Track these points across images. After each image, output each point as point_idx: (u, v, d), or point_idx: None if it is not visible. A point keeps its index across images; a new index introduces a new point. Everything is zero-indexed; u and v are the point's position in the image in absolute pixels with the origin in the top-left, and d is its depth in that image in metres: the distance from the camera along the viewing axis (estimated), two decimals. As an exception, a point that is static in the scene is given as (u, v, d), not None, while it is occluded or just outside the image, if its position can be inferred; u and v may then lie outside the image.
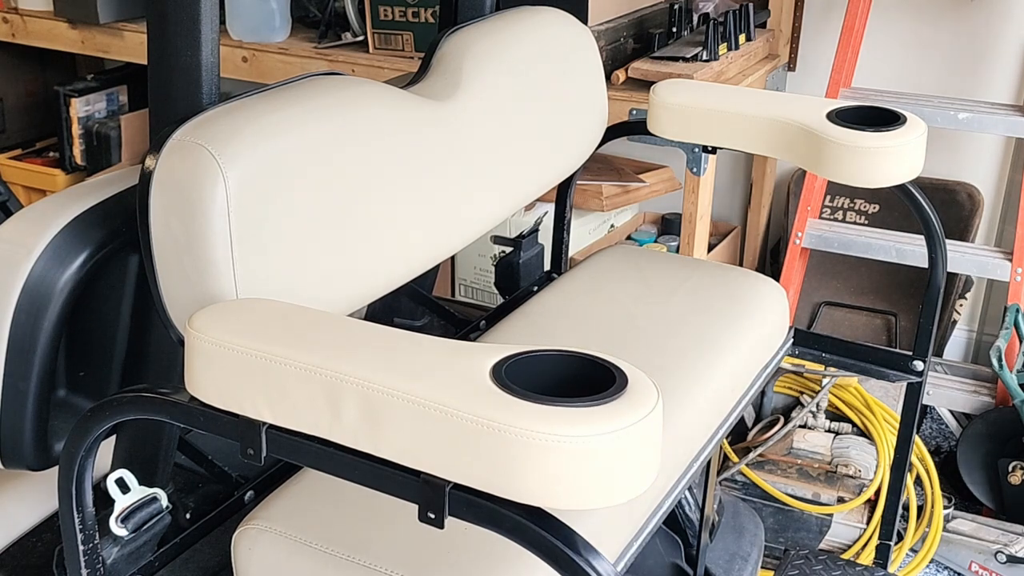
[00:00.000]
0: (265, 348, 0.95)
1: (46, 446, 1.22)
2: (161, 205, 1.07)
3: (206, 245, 1.05)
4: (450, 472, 0.87)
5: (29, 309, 1.14)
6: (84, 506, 1.09)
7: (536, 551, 0.87)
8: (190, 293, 1.08)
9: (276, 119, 1.13)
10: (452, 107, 1.38)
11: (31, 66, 2.88)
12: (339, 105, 1.21)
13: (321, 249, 1.16)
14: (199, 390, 0.99)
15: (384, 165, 1.24)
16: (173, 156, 1.06)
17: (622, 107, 2.16)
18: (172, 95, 1.13)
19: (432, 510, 0.90)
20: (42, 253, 1.14)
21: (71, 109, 2.72)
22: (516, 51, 1.53)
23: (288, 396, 0.94)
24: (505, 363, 0.90)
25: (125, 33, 2.52)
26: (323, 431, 0.93)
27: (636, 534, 1.22)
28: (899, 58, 2.63)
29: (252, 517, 1.14)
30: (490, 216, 1.46)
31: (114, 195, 1.21)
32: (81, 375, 1.28)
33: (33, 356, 1.16)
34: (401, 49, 2.29)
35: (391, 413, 0.89)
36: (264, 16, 2.46)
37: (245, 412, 0.97)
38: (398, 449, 0.89)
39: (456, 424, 0.85)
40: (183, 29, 1.10)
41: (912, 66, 2.62)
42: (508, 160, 1.48)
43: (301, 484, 1.18)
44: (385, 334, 0.98)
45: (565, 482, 0.82)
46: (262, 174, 1.09)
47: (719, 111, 1.58)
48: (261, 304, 1.05)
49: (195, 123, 1.08)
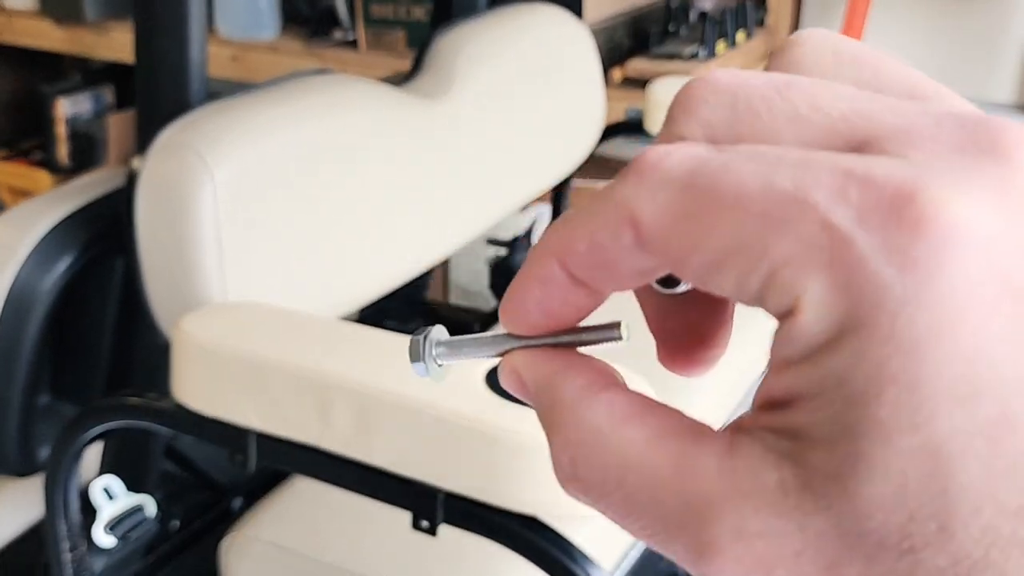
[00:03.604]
0: (254, 352, 0.93)
1: (30, 452, 1.21)
2: (148, 207, 1.05)
3: (194, 247, 1.04)
4: (443, 479, 0.86)
5: (13, 313, 1.13)
6: (70, 514, 1.08)
7: (531, 560, 0.85)
8: (178, 296, 1.06)
9: (265, 119, 1.12)
10: (445, 106, 1.37)
11: (16, 65, 2.85)
12: (330, 105, 1.19)
13: (312, 251, 1.14)
14: (186, 396, 0.97)
15: (376, 165, 1.23)
16: (160, 157, 1.05)
17: (619, 106, 2.14)
18: (159, 95, 1.11)
19: (425, 518, 0.88)
20: (27, 256, 1.13)
21: (57, 109, 2.69)
22: (511, 49, 1.52)
23: (277, 402, 0.93)
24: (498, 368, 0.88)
25: (112, 31, 2.50)
26: (313, 438, 0.92)
27: (634, 542, 1.20)
28: (899, 56, 2.62)
29: (241, 525, 1.13)
30: (485, 218, 1.44)
31: (100, 197, 1.20)
32: (66, 380, 1.27)
33: (17, 361, 1.15)
34: (393, 47, 2.27)
35: (383, 419, 0.87)
36: (253, 13, 2.44)
37: (233, 418, 0.95)
38: (390, 456, 0.88)
39: (449, 430, 0.84)
40: (170, 27, 1.08)
41: (912, 65, 2.60)
42: (503, 160, 1.47)
43: (291, 491, 1.17)
44: (377, 338, 0.97)
45: (560, 489, 0.80)
46: (251, 175, 1.07)
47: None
48: (250, 307, 1.04)
49: (182, 123, 1.07)
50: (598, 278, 0.23)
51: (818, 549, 0.20)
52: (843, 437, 0.19)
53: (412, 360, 0.27)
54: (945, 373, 0.19)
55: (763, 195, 0.20)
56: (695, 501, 0.21)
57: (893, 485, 0.19)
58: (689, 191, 0.21)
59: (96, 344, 1.25)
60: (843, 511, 0.19)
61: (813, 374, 0.20)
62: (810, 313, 0.20)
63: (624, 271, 0.23)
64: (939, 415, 0.19)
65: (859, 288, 0.19)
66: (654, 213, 0.21)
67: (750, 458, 0.21)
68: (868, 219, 0.19)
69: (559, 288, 0.24)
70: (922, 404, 0.19)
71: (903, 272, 0.19)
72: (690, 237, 0.21)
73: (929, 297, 0.19)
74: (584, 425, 0.23)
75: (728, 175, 0.21)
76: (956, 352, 0.19)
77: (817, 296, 0.20)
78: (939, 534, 0.19)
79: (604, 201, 0.22)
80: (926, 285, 0.19)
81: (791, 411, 0.20)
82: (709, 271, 0.21)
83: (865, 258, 0.19)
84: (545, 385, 0.25)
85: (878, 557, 0.19)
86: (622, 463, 0.22)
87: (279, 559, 1.09)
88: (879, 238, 0.19)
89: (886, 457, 0.19)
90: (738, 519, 0.20)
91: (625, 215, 0.22)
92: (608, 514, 0.23)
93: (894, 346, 0.19)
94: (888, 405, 0.19)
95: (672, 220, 0.21)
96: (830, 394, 0.20)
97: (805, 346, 0.20)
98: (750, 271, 0.20)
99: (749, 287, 0.20)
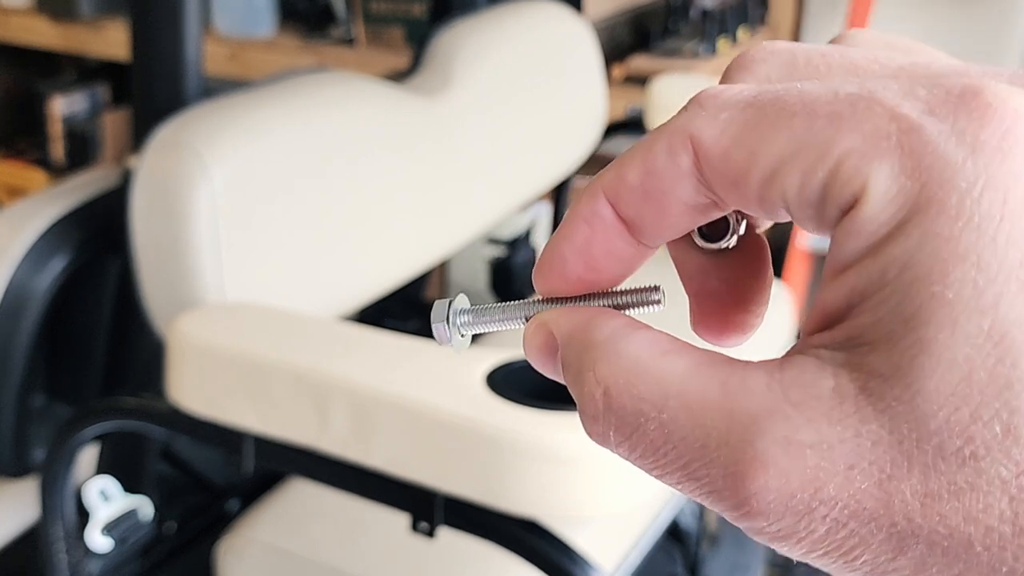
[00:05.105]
0: (251, 353, 0.93)
1: (25, 454, 1.20)
2: (144, 205, 1.04)
3: (190, 246, 1.03)
4: (441, 481, 0.85)
5: (8, 313, 1.12)
6: (66, 516, 1.07)
7: (531, 562, 0.85)
8: (174, 296, 1.05)
9: (263, 117, 1.11)
10: (444, 104, 1.36)
11: (10, 63, 2.84)
12: (328, 102, 1.18)
13: (309, 251, 1.13)
14: (182, 397, 0.96)
15: (374, 164, 1.22)
16: (156, 155, 1.04)
17: (620, 104, 2.13)
18: (155, 93, 1.11)
19: (423, 520, 0.88)
20: (22, 256, 1.12)
21: (52, 107, 2.68)
22: (511, 47, 1.51)
23: (275, 403, 0.92)
24: (499, 369, 0.88)
25: (107, 29, 2.49)
26: (311, 439, 0.91)
27: (634, 545, 1.19)
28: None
29: (238, 527, 1.12)
30: (484, 217, 1.43)
31: (96, 196, 1.19)
32: (61, 381, 1.26)
33: (12, 361, 1.14)
34: (392, 44, 2.26)
35: (381, 420, 0.86)
36: (250, 10, 2.44)
37: (230, 419, 0.94)
38: (388, 458, 0.88)
39: (448, 432, 0.83)
40: (166, 24, 1.08)
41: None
42: (503, 159, 1.46)
43: (288, 493, 1.16)
44: (375, 338, 0.96)
45: (560, 491, 0.81)
46: (248, 173, 1.06)
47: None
48: (247, 307, 1.03)
49: (179, 121, 1.06)
50: (648, 217, 0.22)
51: (873, 461, 0.19)
52: (906, 328, 0.19)
53: (435, 321, 0.25)
54: (1014, 254, 0.18)
55: (830, 99, 0.20)
56: (742, 417, 0.20)
57: (957, 376, 0.18)
58: (752, 107, 0.21)
59: (91, 345, 1.24)
60: (903, 412, 0.18)
61: (875, 266, 0.19)
62: (876, 199, 0.19)
63: (676, 207, 0.22)
64: (1007, 298, 0.18)
65: (928, 169, 0.19)
66: (715, 132, 0.21)
67: (803, 371, 0.20)
68: (937, 110, 0.19)
69: (604, 230, 0.23)
70: (991, 283, 0.18)
71: (974, 153, 0.19)
72: (752, 148, 0.20)
73: (1000, 176, 0.19)
74: (623, 357, 0.22)
75: (792, 91, 0.21)
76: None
77: (884, 181, 0.19)
78: (1004, 437, 0.18)
79: (660, 131, 0.22)
80: (997, 165, 0.19)
81: (848, 320, 0.20)
82: (771, 179, 0.20)
83: (934, 142, 0.19)
84: (579, 332, 0.23)
85: (938, 467, 0.18)
86: (662, 390, 0.21)
87: (276, 561, 1.08)
88: (948, 124, 0.19)
89: (952, 343, 0.18)
90: (789, 428, 0.19)
91: (684, 136, 0.21)
92: (637, 451, 0.21)
93: (964, 222, 0.18)
94: (957, 284, 0.18)
95: (734, 134, 0.21)
96: (893, 284, 0.19)
97: (869, 236, 0.19)
98: (814, 166, 0.20)
99: (813, 183, 0.20)
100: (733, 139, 0.21)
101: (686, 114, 0.21)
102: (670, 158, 0.21)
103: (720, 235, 0.24)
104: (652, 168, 0.22)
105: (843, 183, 0.20)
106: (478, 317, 0.26)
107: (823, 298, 0.20)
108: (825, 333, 0.20)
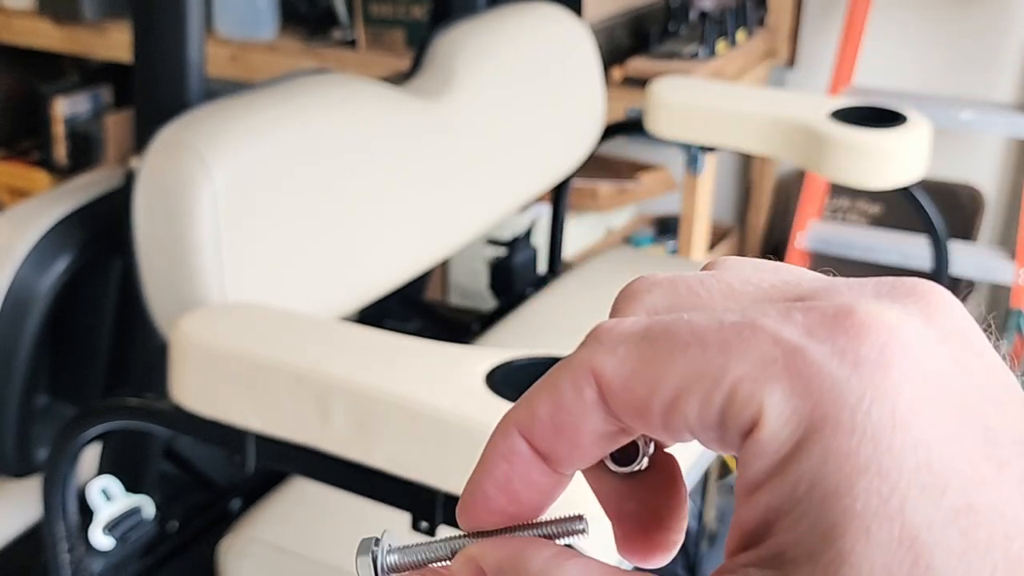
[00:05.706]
0: (252, 353, 0.93)
1: (28, 453, 1.20)
2: (146, 206, 1.04)
3: (192, 247, 1.03)
4: (442, 480, 0.86)
5: (11, 314, 1.13)
6: (68, 515, 1.07)
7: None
8: (176, 296, 1.05)
9: (264, 118, 1.11)
10: (444, 106, 1.36)
11: (14, 64, 2.84)
12: (329, 104, 1.19)
13: (311, 251, 1.13)
14: (185, 396, 0.97)
15: (375, 165, 1.22)
16: (158, 157, 1.04)
17: (619, 106, 2.14)
18: (157, 94, 1.11)
19: (424, 519, 0.88)
20: (25, 257, 1.13)
21: (54, 108, 2.69)
22: (510, 48, 1.51)
23: (276, 402, 0.92)
24: (499, 368, 0.88)
25: (110, 31, 2.49)
26: (312, 438, 0.91)
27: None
28: (900, 56, 2.62)
29: (240, 526, 1.12)
30: (484, 218, 1.43)
31: (98, 197, 1.19)
32: (64, 381, 1.26)
33: (15, 361, 1.14)
34: (392, 47, 2.27)
35: (382, 420, 0.87)
36: (252, 13, 2.44)
37: (232, 419, 0.95)
38: (389, 457, 0.88)
39: (449, 431, 0.83)
40: (168, 26, 1.08)
41: (913, 64, 2.60)
42: (503, 160, 1.46)
43: (290, 492, 1.16)
44: (376, 338, 0.96)
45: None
46: (249, 175, 1.06)
47: (719, 109, 1.55)
48: (249, 307, 1.03)
49: (181, 123, 1.06)
50: (561, 449, 0.23)
51: None
52: (824, 543, 0.19)
53: (359, 556, 0.26)
54: (909, 459, 0.19)
55: (717, 328, 0.21)
56: None
57: None
58: (646, 341, 0.22)
59: (94, 345, 1.24)
60: None
61: (784, 485, 0.20)
62: (773, 421, 0.20)
63: (587, 438, 0.23)
64: (910, 503, 0.19)
65: (817, 389, 0.20)
66: (615, 365, 0.22)
67: None
68: (815, 332, 0.21)
69: (522, 464, 0.24)
70: (894, 491, 0.19)
71: (857, 369, 0.20)
72: (651, 380, 0.22)
73: (884, 388, 0.20)
74: None
75: (681, 323, 0.22)
76: (917, 439, 0.19)
77: (777, 404, 0.20)
78: None
79: (563, 367, 0.23)
80: (880, 378, 0.20)
81: (768, 538, 0.20)
82: (672, 407, 0.21)
83: (818, 362, 0.20)
84: (509, 563, 0.24)
85: None
86: None
87: (278, 560, 1.08)
88: (827, 345, 0.20)
89: (868, 552, 0.19)
90: None
91: (586, 371, 0.22)
92: None
93: (859, 435, 0.19)
94: (863, 495, 0.19)
95: (632, 368, 0.22)
96: (804, 501, 0.20)
97: (773, 457, 0.20)
98: (711, 394, 0.21)
99: (711, 409, 0.21)
100: (632, 372, 0.22)
101: (586, 349, 0.23)
102: (576, 393, 0.22)
103: (631, 459, 0.25)
104: (560, 403, 0.23)
105: (739, 407, 0.21)
106: (404, 556, 0.26)
107: (741, 518, 0.21)
108: (751, 552, 0.21)
